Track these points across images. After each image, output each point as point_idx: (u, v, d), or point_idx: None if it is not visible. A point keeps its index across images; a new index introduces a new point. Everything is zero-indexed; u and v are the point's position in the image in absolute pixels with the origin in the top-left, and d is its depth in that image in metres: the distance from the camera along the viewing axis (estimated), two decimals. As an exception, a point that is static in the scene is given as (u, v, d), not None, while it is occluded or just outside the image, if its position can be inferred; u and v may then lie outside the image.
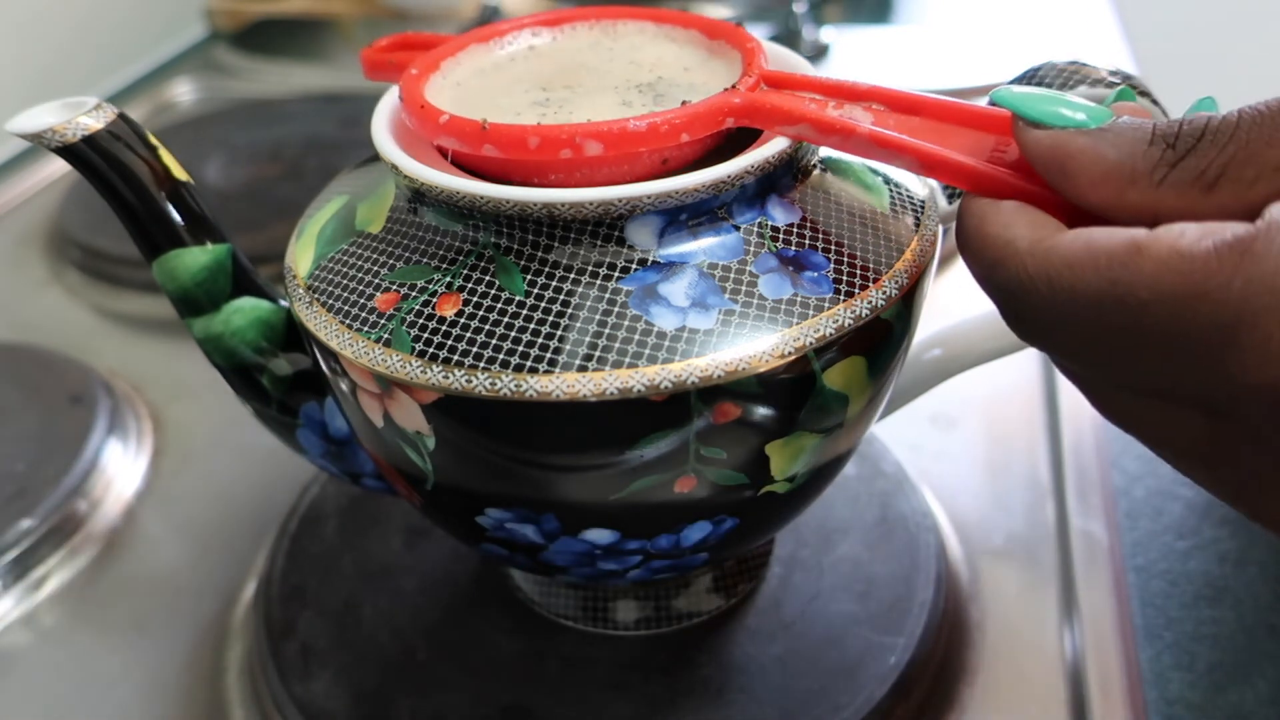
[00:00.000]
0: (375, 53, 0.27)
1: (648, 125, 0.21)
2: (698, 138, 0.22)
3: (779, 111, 0.22)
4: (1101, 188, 0.18)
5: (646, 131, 0.21)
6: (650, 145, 0.22)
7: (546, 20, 0.28)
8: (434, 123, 0.23)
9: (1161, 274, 0.16)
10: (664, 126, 0.22)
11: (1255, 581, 0.33)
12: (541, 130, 0.21)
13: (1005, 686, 0.30)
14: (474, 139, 0.22)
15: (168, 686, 0.32)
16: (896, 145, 0.21)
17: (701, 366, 0.20)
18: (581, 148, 0.21)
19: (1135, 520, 0.35)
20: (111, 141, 0.24)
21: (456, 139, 0.22)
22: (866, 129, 0.21)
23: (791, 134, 0.22)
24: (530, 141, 0.21)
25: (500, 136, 0.22)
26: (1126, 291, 0.16)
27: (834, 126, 0.21)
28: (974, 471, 0.38)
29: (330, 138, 0.63)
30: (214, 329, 0.26)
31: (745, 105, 0.22)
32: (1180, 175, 0.17)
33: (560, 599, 0.31)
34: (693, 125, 0.22)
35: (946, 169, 0.20)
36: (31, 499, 0.37)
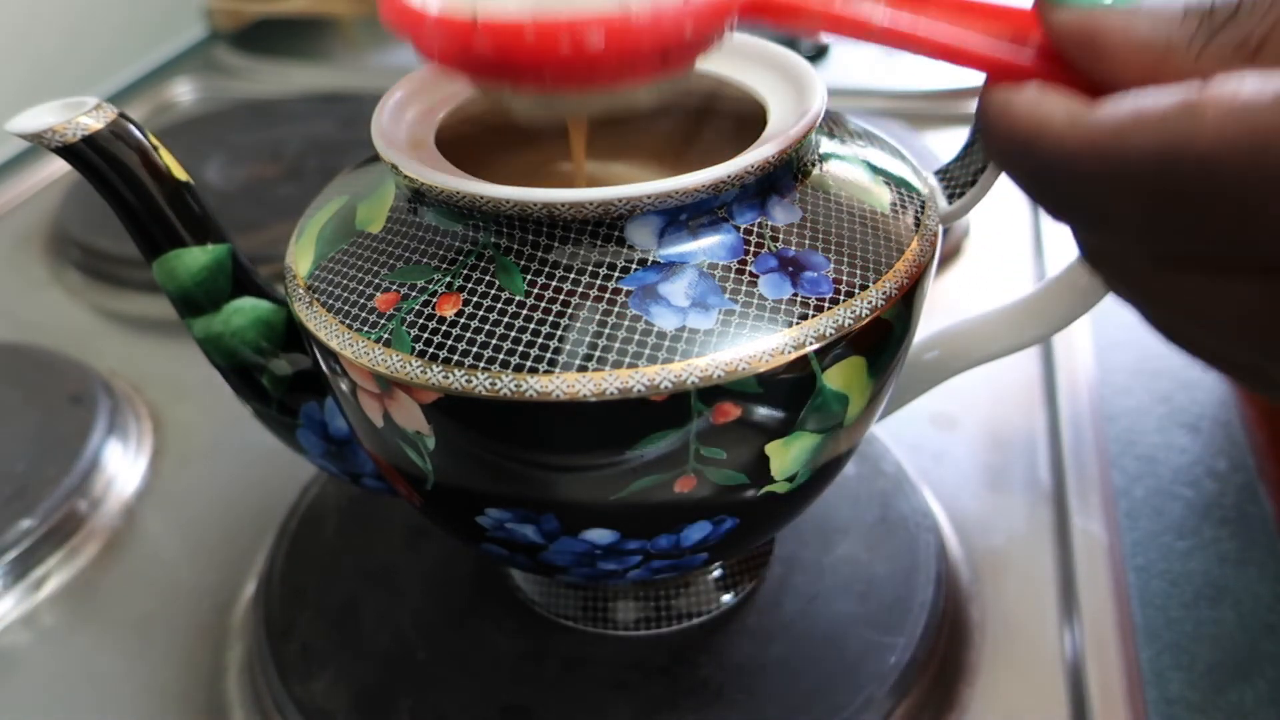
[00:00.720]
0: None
1: (650, 18, 0.20)
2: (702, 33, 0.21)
3: (786, 6, 0.21)
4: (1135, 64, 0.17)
5: (649, 25, 0.20)
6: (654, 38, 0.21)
7: None
8: (420, 20, 0.21)
9: (1224, 126, 0.15)
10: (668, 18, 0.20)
11: (1255, 581, 0.33)
12: (538, 24, 0.20)
13: (1005, 686, 0.30)
14: (464, 34, 0.21)
15: (168, 686, 0.32)
16: (912, 36, 0.20)
17: (701, 366, 0.20)
18: (581, 39, 0.20)
19: (1135, 520, 0.35)
20: (111, 141, 0.24)
21: (445, 35, 0.21)
22: (881, 21, 0.20)
23: (802, 27, 0.21)
24: (525, 34, 0.20)
25: (493, 31, 0.20)
26: (1187, 147, 0.15)
27: (846, 20, 0.21)
28: (974, 471, 0.38)
29: (330, 138, 0.63)
30: (214, 329, 0.26)
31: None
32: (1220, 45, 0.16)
33: (560, 599, 0.31)
34: (696, 20, 0.21)
35: (964, 57, 0.20)
36: (31, 499, 0.37)
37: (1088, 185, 0.17)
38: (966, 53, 0.20)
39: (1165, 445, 0.38)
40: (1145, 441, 0.38)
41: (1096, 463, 0.37)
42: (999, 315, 0.31)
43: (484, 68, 0.22)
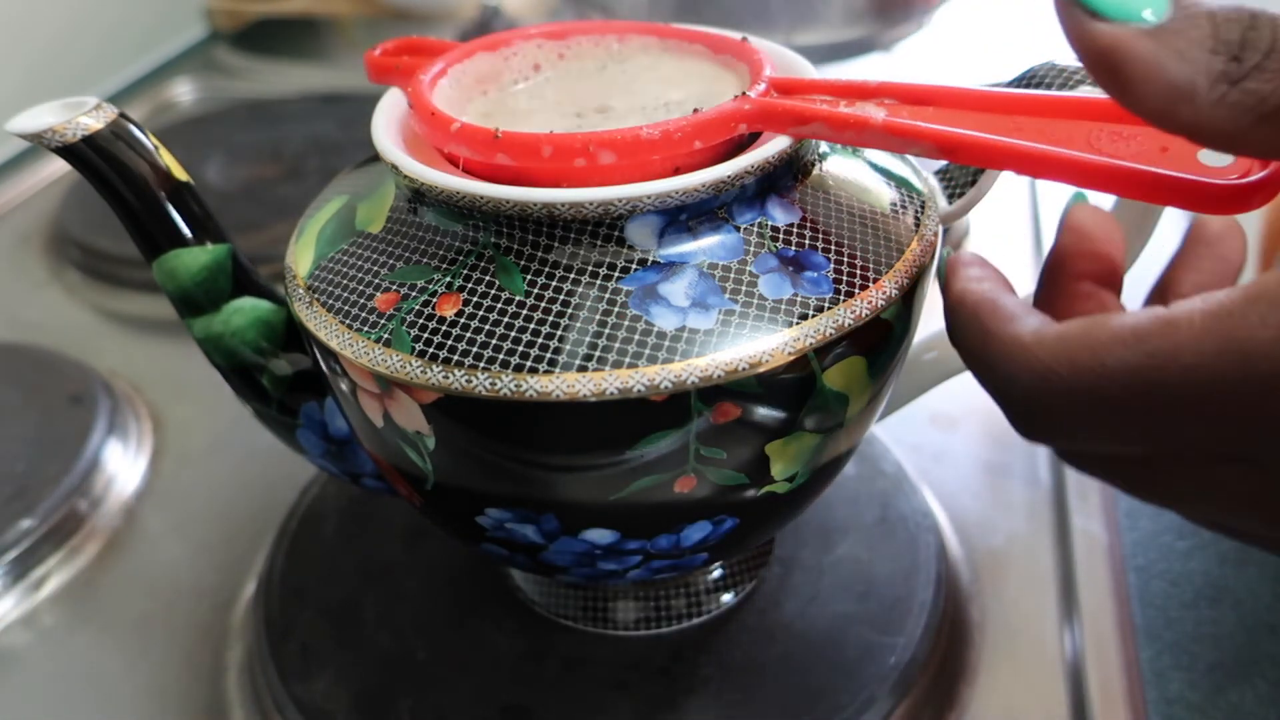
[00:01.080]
0: (381, 57, 0.27)
1: (660, 133, 0.21)
2: (710, 144, 0.22)
3: (791, 114, 0.22)
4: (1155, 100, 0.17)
5: (659, 139, 0.21)
6: (663, 152, 0.22)
7: (551, 33, 0.28)
8: (445, 130, 0.23)
9: (1202, 338, 0.16)
10: (676, 134, 0.22)
11: (1255, 581, 0.33)
12: (555, 139, 0.21)
13: (1005, 686, 0.30)
14: (487, 147, 0.22)
15: (168, 686, 0.32)
16: (912, 133, 0.21)
17: (701, 366, 0.20)
18: (595, 156, 0.21)
19: (1135, 520, 0.35)
20: (111, 141, 0.24)
21: (469, 147, 0.22)
22: (881, 120, 0.21)
23: (807, 134, 0.22)
24: (544, 150, 0.21)
25: (513, 145, 0.22)
26: (1170, 359, 0.16)
27: (848, 121, 0.21)
28: (974, 471, 0.38)
29: (330, 138, 0.63)
30: (214, 329, 0.26)
31: (757, 110, 0.22)
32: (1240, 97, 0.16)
33: (560, 599, 0.31)
34: (705, 132, 0.22)
35: (965, 149, 0.20)
36: (31, 499, 0.37)
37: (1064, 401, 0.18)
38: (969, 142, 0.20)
39: (1165, 445, 0.38)
40: (1145, 441, 0.38)
41: (1096, 463, 0.37)
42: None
43: (505, 174, 0.22)
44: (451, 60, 0.26)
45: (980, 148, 0.20)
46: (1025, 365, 0.18)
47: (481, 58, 0.27)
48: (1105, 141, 0.20)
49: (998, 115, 0.21)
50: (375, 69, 0.27)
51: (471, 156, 0.23)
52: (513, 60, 0.27)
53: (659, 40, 0.27)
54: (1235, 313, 0.16)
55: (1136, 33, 0.17)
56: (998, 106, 0.21)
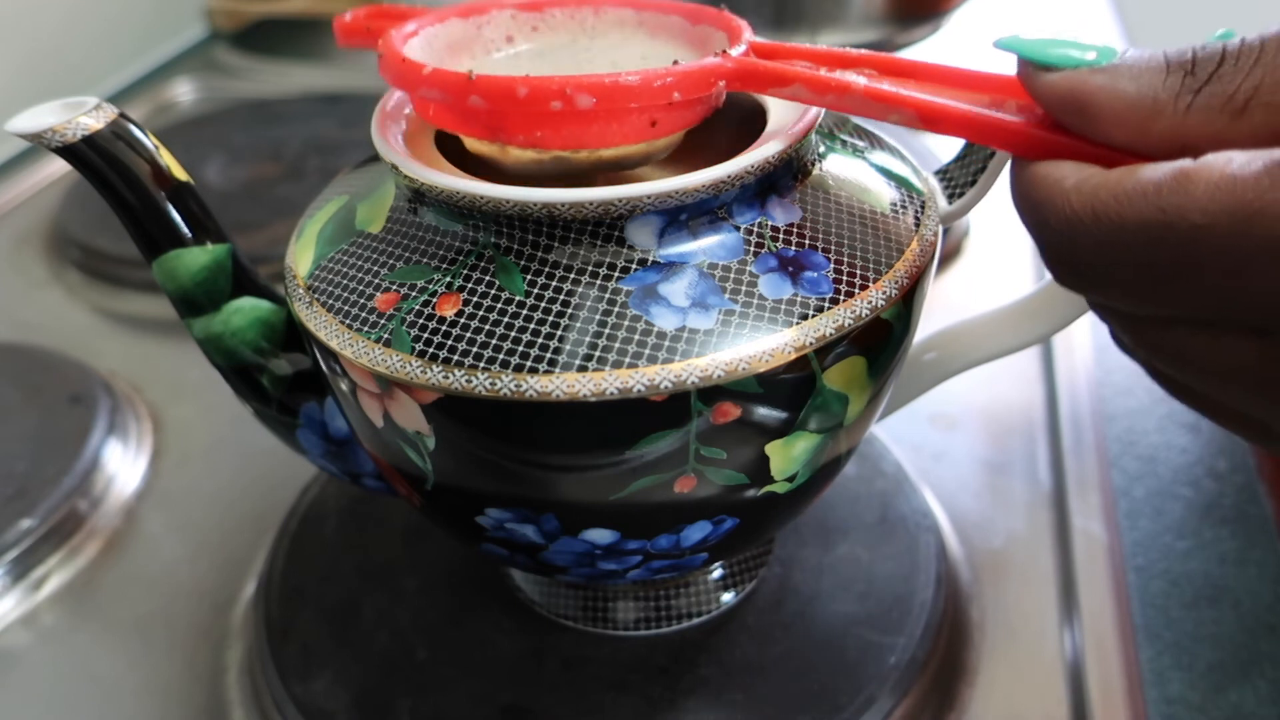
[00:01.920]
0: (350, 22, 0.27)
1: (640, 79, 0.21)
2: (689, 97, 0.22)
3: (771, 74, 0.22)
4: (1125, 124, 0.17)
5: (639, 85, 0.21)
6: (641, 100, 0.21)
7: (526, 5, 0.27)
8: (417, 75, 0.22)
9: (1213, 196, 0.16)
10: (657, 82, 0.21)
11: (1255, 581, 0.33)
12: (531, 81, 0.21)
13: (1005, 686, 0.30)
14: (460, 89, 0.21)
15: (168, 686, 0.32)
16: (894, 100, 0.20)
17: (701, 366, 0.20)
18: (573, 99, 0.21)
19: (1135, 520, 0.35)
20: (112, 141, 0.24)
21: (441, 90, 0.22)
22: (862, 85, 0.21)
23: (786, 95, 0.22)
24: (519, 91, 0.21)
25: (488, 87, 0.21)
26: (1178, 216, 0.16)
27: (829, 85, 0.21)
28: (974, 471, 0.38)
29: (330, 138, 0.63)
30: (214, 329, 0.26)
31: (737, 69, 0.22)
32: (1206, 101, 0.17)
33: (560, 599, 0.31)
34: (684, 84, 0.21)
35: (947, 120, 0.20)
36: (31, 499, 0.37)
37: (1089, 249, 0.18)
38: (951, 113, 0.20)
39: (1165, 445, 0.38)
40: (1145, 441, 0.38)
41: (1096, 463, 0.37)
42: (999, 315, 0.31)
43: (477, 124, 0.22)
44: (424, 24, 0.26)
45: (962, 119, 0.20)
46: (1057, 210, 0.18)
47: (454, 23, 0.26)
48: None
49: (980, 93, 0.21)
50: (344, 32, 0.26)
51: (444, 100, 0.22)
52: (485, 29, 0.27)
53: (634, 13, 0.27)
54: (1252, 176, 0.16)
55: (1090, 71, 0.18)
56: (980, 85, 0.21)
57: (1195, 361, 0.19)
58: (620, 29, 0.27)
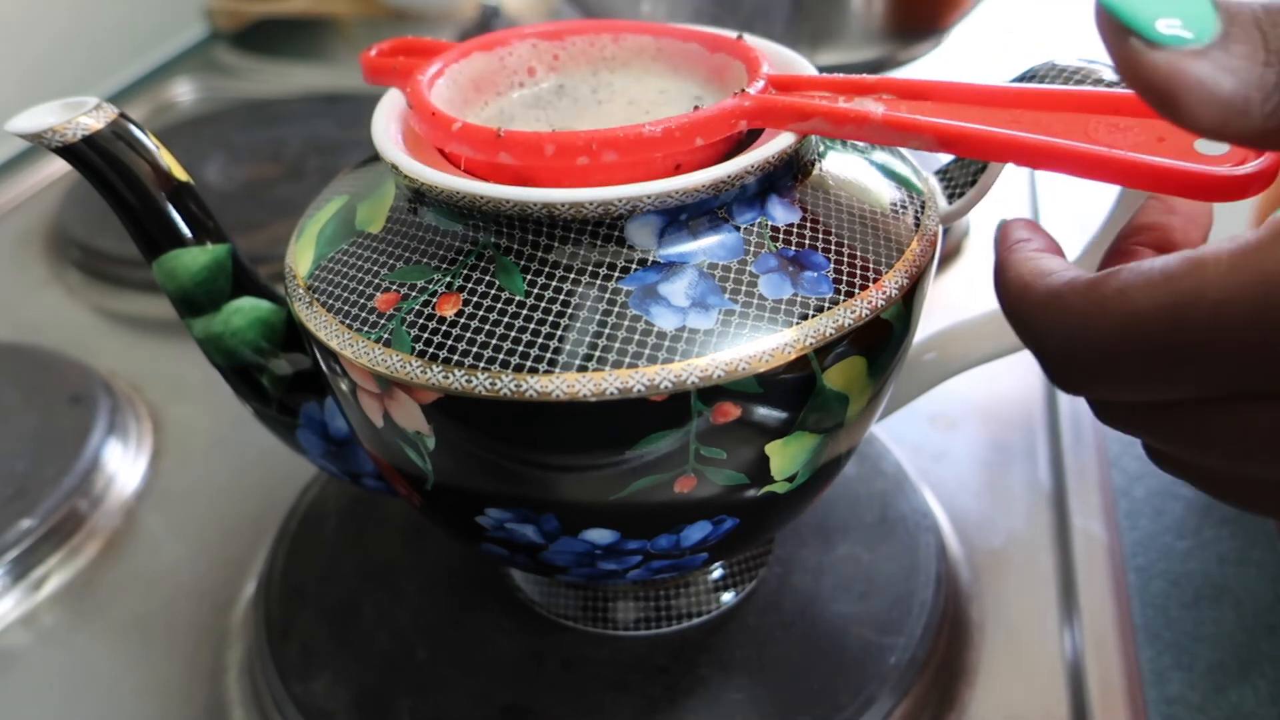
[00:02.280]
0: (376, 58, 0.27)
1: (662, 130, 0.21)
2: (711, 141, 0.22)
3: (791, 110, 0.22)
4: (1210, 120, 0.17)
5: (661, 136, 0.21)
6: (664, 150, 0.22)
7: (546, 33, 0.28)
8: (446, 130, 0.23)
9: (1230, 274, 0.16)
10: (678, 131, 0.22)
11: (1255, 581, 0.33)
12: (558, 137, 0.21)
13: (1005, 686, 0.30)
14: (489, 146, 0.22)
15: (168, 686, 0.32)
16: (912, 126, 0.21)
17: (701, 366, 0.20)
18: (598, 154, 0.21)
19: (1135, 520, 0.35)
20: (112, 141, 0.24)
21: (470, 146, 0.22)
22: (881, 114, 0.21)
23: (806, 129, 0.22)
24: (546, 149, 0.21)
25: (515, 144, 0.22)
26: (1197, 298, 0.17)
27: (847, 116, 0.22)
28: (974, 471, 0.38)
29: (330, 138, 0.63)
30: (214, 329, 0.26)
31: (757, 106, 0.22)
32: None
33: (560, 599, 0.31)
34: (706, 128, 0.22)
35: (965, 141, 0.20)
36: (31, 499, 0.37)
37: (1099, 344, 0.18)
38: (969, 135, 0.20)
39: (1165, 445, 0.38)
40: (1145, 441, 0.38)
41: (1096, 463, 0.37)
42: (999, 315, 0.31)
43: (507, 174, 0.23)
44: (449, 60, 0.26)
45: (980, 140, 0.20)
46: (1059, 314, 0.19)
47: (477, 58, 0.27)
48: (1103, 133, 0.20)
49: (995, 109, 0.21)
50: (371, 69, 0.27)
51: (474, 156, 0.23)
52: (508, 60, 0.27)
53: (653, 40, 0.27)
54: (1263, 248, 0.16)
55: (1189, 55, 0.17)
56: (995, 101, 0.21)
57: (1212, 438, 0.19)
58: (639, 58, 0.28)
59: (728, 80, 0.26)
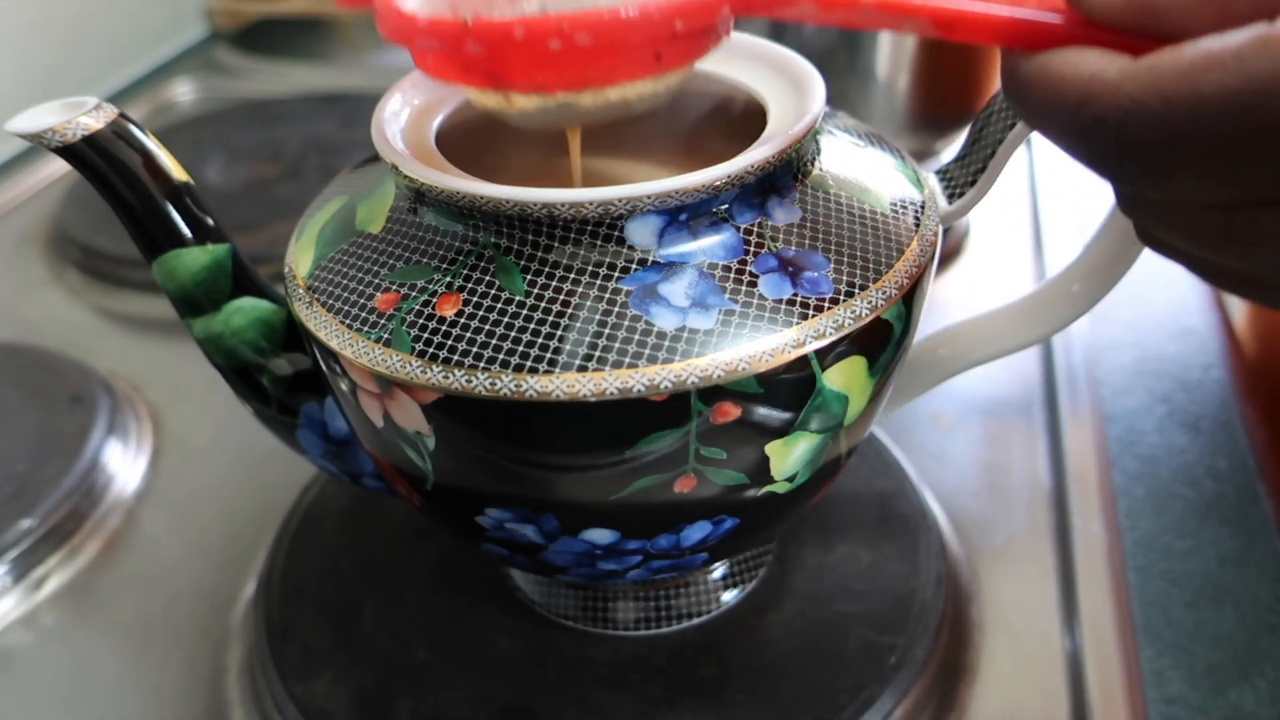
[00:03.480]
0: None
1: (640, 11, 0.20)
2: (691, 27, 0.21)
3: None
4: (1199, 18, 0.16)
5: (638, 18, 0.20)
6: (642, 33, 0.21)
7: None
8: (413, 26, 0.21)
9: None
10: (657, 13, 0.20)
11: (1255, 581, 0.33)
12: (527, 21, 0.20)
13: (1005, 686, 0.30)
14: (456, 37, 0.21)
15: (168, 686, 0.32)
16: (906, 8, 0.19)
17: (701, 366, 0.20)
18: (571, 37, 0.20)
19: (1135, 520, 0.35)
20: (112, 141, 0.24)
21: (438, 39, 0.21)
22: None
23: (792, 15, 0.21)
24: (515, 32, 0.20)
25: (483, 31, 0.21)
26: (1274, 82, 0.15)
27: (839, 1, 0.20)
28: (974, 472, 0.38)
29: (330, 138, 0.63)
30: (214, 329, 0.26)
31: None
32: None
33: (560, 599, 0.31)
34: (686, 11, 0.21)
35: (966, 24, 0.19)
36: (31, 499, 0.37)
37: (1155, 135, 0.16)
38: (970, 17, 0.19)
39: (1165, 445, 0.38)
40: (1145, 441, 0.38)
41: (1096, 463, 0.37)
42: (999, 315, 0.31)
43: (477, 72, 0.22)
44: None
45: (983, 22, 0.19)
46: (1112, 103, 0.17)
47: None
48: None
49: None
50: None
51: (441, 50, 0.22)
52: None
53: None
54: None
55: None
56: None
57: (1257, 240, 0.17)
58: None
59: None
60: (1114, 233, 0.29)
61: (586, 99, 0.23)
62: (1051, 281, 0.30)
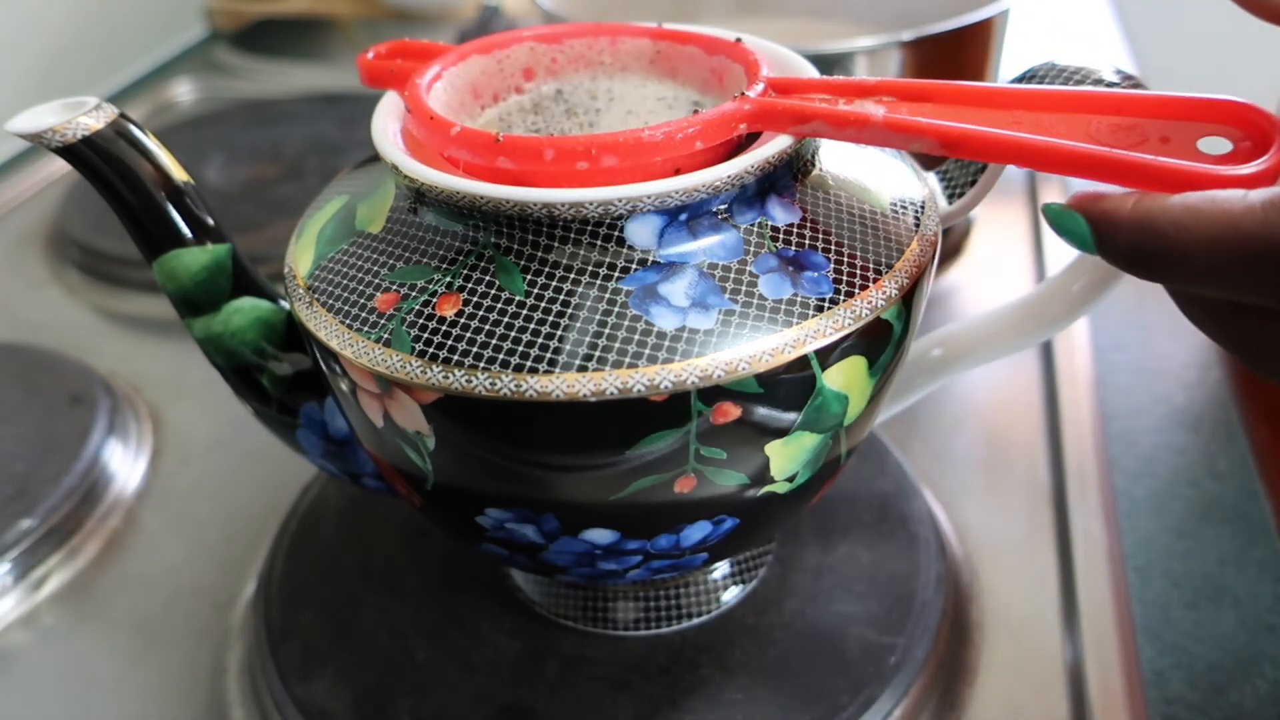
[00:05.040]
0: (374, 61, 0.27)
1: (663, 134, 0.21)
2: (711, 144, 0.22)
3: (791, 113, 0.22)
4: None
5: (661, 141, 0.21)
6: (664, 154, 0.22)
7: (544, 36, 0.28)
8: (445, 134, 0.23)
9: None
10: (678, 134, 0.22)
11: (1255, 581, 0.33)
12: (557, 142, 0.21)
13: (1005, 686, 0.30)
14: (488, 151, 0.22)
15: (168, 686, 0.32)
16: (914, 128, 0.21)
17: (701, 366, 0.20)
18: (598, 159, 0.21)
19: (1135, 520, 0.35)
20: (112, 141, 0.24)
21: (469, 151, 0.22)
22: (882, 116, 0.21)
23: (806, 132, 0.22)
24: (546, 154, 0.21)
25: (515, 148, 0.22)
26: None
27: (848, 119, 0.21)
28: (974, 471, 0.38)
29: (330, 138, 0.63)
30: (214, 329, 0.26)
31: (757, 110, 0.22)
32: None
33: (560, 599, 0.31)
34: (706, 132, 0.22)
35: (967, 143, 0.20)
36: (31, 499, 0.37)
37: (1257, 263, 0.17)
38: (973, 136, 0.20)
39: (1165, 445, 0.38)
40: (1145, 441, 0.38)
41: (1096, 463, 0.37)
42: (999, 315, 0.31)
43: (507, 178, 0.22)
44: (446, 64, 0.26)
45: (982, 141, 0.20)
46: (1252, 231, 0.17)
47: (475, 60, 0.27)
48: (1105, 133, 0.20)
49: (996, 110, 0.21)
50: (368, 73, 0.27)
51: (473, 161, 0.23)
52: (506, 63, 0.27)
53: (651, 44, 0.27)
54: None
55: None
56: (996, 101, 0.21)
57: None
58: (638, 61, 0.27)
59: (727, 83, 0.26)
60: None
61: None
62: (1051, 281, 0.30)
